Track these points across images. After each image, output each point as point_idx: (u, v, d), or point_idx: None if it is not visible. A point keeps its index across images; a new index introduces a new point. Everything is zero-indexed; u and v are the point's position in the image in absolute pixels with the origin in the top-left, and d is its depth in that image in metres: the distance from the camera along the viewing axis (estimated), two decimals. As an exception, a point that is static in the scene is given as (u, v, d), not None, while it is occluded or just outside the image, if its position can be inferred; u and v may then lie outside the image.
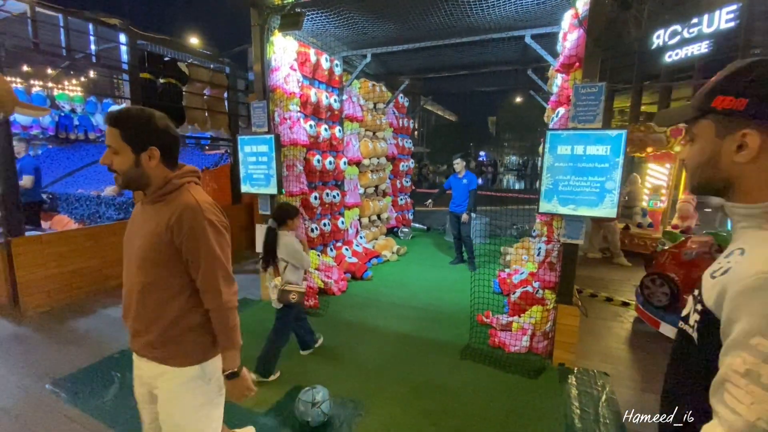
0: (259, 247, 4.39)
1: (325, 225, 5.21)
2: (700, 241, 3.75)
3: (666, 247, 3.94)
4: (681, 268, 3.62)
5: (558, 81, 4.01)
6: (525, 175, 26.94)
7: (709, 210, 9.53)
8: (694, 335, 0.73)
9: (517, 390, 2.88)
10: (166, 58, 5.41)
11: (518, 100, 28.42)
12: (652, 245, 6.32)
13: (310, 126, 4.78)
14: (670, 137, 5.95)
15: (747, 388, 0.61)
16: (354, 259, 5.42)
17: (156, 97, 5.18)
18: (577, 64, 3.18)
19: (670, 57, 18.43)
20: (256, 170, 4.22)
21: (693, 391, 0.73)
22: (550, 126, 4.24)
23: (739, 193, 0.75)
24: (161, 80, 5.30)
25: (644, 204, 6.98)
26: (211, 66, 6.21)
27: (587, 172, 2.95)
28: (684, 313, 0.79)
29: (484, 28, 4.62)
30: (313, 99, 4.84)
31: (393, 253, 6.23)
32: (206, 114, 5.95)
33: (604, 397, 2.82)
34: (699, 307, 0.72)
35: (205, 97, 5.98)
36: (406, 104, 7.85)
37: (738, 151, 0.73)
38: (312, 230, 5.00)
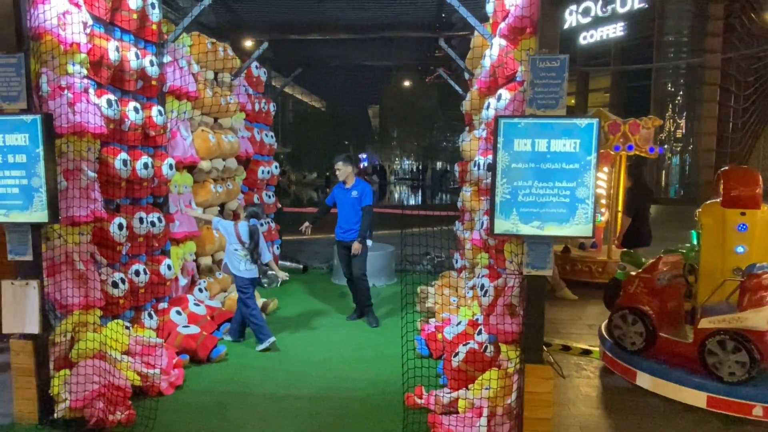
0: (12, 326, 3.63)
1: (138, 274, 4.79)
2: (672, 261, 4.46)
3: (633, 273, 4.56)
4: (654, 297, 4.22)
5: (494, 52, 4.36)
6: (424, 186, 29.05)
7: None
8: None
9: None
10: None
11: (407, 84, 30.83)
12: (599, 271, 7.35)
13: (108, 102, 4.40)
14: (609, 134, 7.10)
15: None
16: (193, 329, 5.07)
17: None
18: (530, 29, 3.49)
19: (585, 39, 23.29)
20: (3, 180, 3.72)
21: None
22: (486, 116, 4.55)
23: None
24: None
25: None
26: None
27: (553, 175, 3.20)
28: None
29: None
30: (112, 57, 4.45)
31: (256, 311, 6.01)
32: None
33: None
34: None
35: None
36: (264, 77, 7.66)
37: None
38: (114, 285, 4.48)
